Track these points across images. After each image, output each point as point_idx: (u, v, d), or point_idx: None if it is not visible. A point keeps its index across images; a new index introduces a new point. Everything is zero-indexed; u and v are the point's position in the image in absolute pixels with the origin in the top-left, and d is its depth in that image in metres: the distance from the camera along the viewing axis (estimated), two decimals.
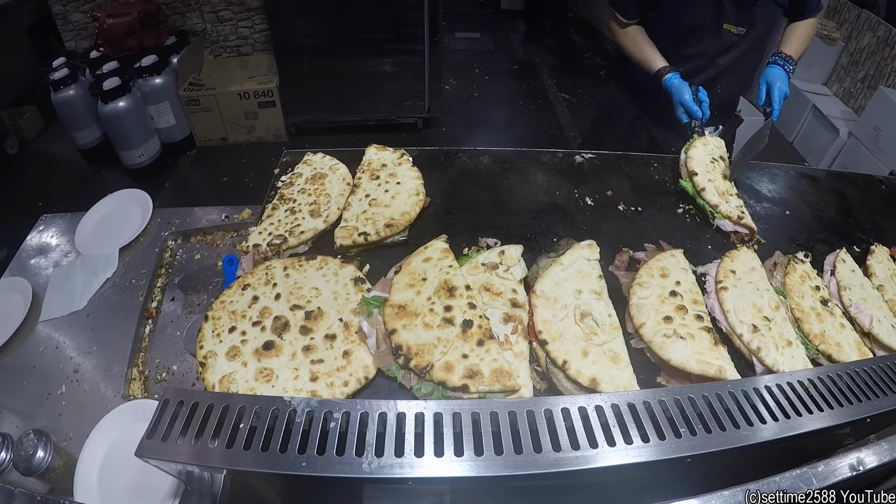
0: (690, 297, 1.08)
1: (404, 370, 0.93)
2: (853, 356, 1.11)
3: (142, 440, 0.69)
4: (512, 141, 3.70)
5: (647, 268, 1.12)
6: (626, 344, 1.00)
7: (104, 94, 2.96)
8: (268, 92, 3.39)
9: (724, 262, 1.20)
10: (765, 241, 1.36)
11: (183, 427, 0.70)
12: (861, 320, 1.19)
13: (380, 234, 1.13)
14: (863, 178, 1.76)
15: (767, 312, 1.10)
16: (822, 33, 3.81)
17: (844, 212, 1.56)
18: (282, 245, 1.14)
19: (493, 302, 1.00)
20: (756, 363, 1.04)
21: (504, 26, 5.73)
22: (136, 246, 1.54)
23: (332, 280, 1.07)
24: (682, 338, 0.98)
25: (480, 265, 1.07)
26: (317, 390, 0.93)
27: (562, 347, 0.94)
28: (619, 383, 0.91)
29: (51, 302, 1.44)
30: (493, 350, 0.92)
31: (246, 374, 0.96)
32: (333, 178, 1.30)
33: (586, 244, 1.13)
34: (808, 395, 0.81)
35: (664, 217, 1.36)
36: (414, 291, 0.99)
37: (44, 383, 1.27)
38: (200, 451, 0.68)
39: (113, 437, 1.14)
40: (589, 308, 1.01)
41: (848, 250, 1.38)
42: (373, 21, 3.17)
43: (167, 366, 1.28)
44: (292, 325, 1.01)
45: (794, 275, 1.24)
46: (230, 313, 1.04)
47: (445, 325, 0.94)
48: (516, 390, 0.90)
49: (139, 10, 3.24)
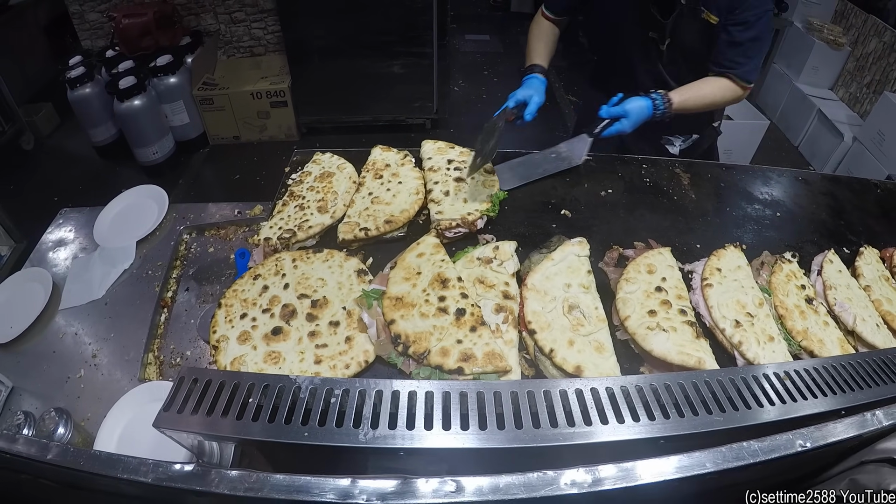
0: (675, 292, 1.14)
1: (403, 357, 0.99)
2: (835, 352, 1.15)
3: (159, 412, 0.76)
4: (518, 142, 3.74)
5: (635, 264, 1.18)
6: (611, 335, 1.05)
7: (120, 92, 3.06)
8: (280, 92, 3.47)
9: (711, 260, 1.25)
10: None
11: (197, 402, 0.77)
12: (845, 318, 1.23)
13: (379, 230, 1.20)
14: (857, 181, 1.79)
15: (751, 309, 1.15)
16: (829, 38, 3.82)
17: (836, 214, 1.59)
18: (291, 239, 1.21)
19: (486, 293, 1.07)
20: (737, 356, 1.09)
21: (514, 28, 5.77)
22: (153, 239, 1.62)
23: (336, 271, 1.14)
24: (664, 330, 1.04)
25: (475, 259, 1.13)
26: (320, 372, 1.00)
27: (549, 336, 1.00)
28: (603, 371, 0.97)
29: (70, 291, 1.52)
30: (485, 335, 0.98)
31: (255, 357, 1.03)
32: (341, 177, 1.37)
33: (577, 241, 1.19)
34: (793, 385, 0.86)
35: (655, 217, 1.42)
36: (410, 284, 1.06)
37: (63, 367, 1.33)
38: (213, 422, 0.75)
39: (129, 415, 1.20)
40: (577, 301, 1.07)
41: (838, 252, 1.41)
42: (383, 24, 3.25)
43: (181, 351, 1.36)
44: (299, 312, 1.08)
45: (780, 273, 1.28)
46: (242, 301, 1.12)
47: (440, 314, 1.01)
48: (508, 371, 0.97)
49: (155, 10, 3.34)
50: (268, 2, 3.59)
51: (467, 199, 1.28)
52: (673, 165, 1.63)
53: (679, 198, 1.51)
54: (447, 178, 1.34)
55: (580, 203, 1.46)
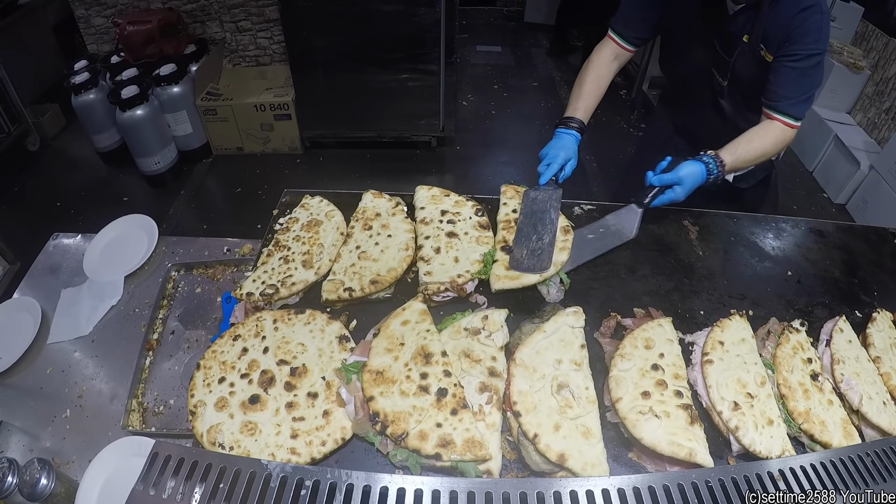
0: (672, 370, 1.08)
1: (381, 436, 0.95)
2: (837, 436, 1.10)
3: (133, 490, 0.79)
4: (526, 162, 3.68)
5: (632, 338, 1.13)
6: (601, 417, 1.00)
7: (122, 102, 3.04)
8: (283, 105, 3.44)
9: (714, 331, 1.19)
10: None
11: (169, 480, 0.80)
12: (851, 397, 1.17)
13: (364, 291, 1.16)
14: (874, 231, 1.72)
15: (752, 388, 1.10)
16: (849, 61, 3.70)
17: (850, 271, 1.52)
18: (273, 295, 1.18)
19: (471, 369, 1.02)
20: (733, 441, 1.04)
21: (527, 40, 5.68)
22: (141, 274, 1.60)
23: (318, 336, 1.10)
24: (657, 416, 0.99)
25: (463, 329, 1.08)
26: (296, 447, 0.97)
27: (534, 420, 0.96)
28: (588, 459, 0.92)
29: (59, 325, 1.51)
30: (465, 419, 0.94)
31: (232, 426, 1.00)
32: (328, 227, 1.32)
33: (571, 311, 1.14)
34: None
35: (658, 278, 1.35)
36: (392, 357, 1.02)
37: (50, 405, 1.34)
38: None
39: (111, 468, 1.20)
40: (567, 379, 1.02)
41: (850, 315, 1.35)
42: (389, 39, 3.19)
43: (164, 399, 1.34)
44: (278, 380, 1.05)
45: (787, 346, 1.22)
46: (220, 364, 1.08)
47: (421, 392, 0.97)
48: (487, 459, 0.92)
49: (159, 18, 3.31)
50: (273, 12, 3.55)
51: (458, 257, 1.23)
52: (681, 217, 1.56)
53: (685, 255, 1.44)
54: (439, 233, 1.29)
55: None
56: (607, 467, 0.93)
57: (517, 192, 1.44)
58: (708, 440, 0.99)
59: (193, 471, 0.81)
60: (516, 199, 1.41)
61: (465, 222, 1.34)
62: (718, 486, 0.82)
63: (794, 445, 1.05)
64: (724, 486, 0.82)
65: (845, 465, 0.90)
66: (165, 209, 3.24)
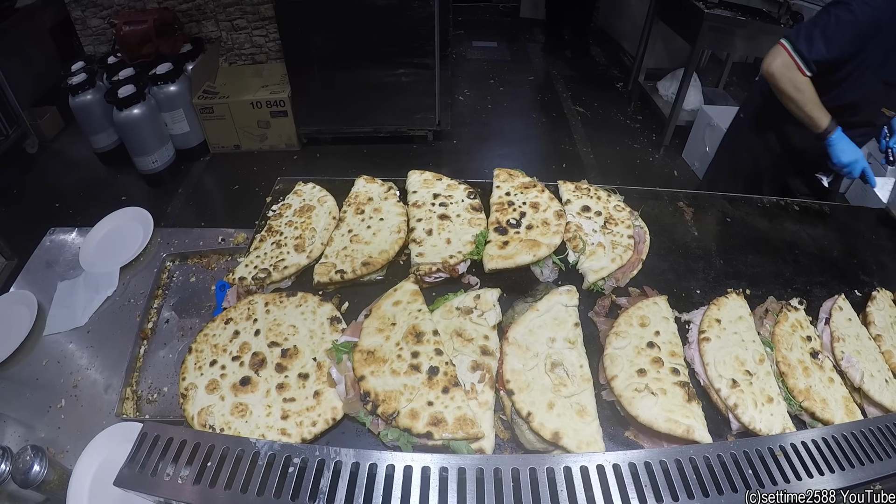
0: (668, 348, 1.06)
1: (372, 416, 0.94)
2: (839, 413, 1.08)
3: (121, 470, 0.78)
4: (523, 155, 3.68)
5: (627, 316, 1.11)
6: (596, 396, 0.99)
7: (119, 101, 3.04)
8: (280, 102, 3.44)
9: (711, 309, 1.18)
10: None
11: (157, 460, 0.78)
12: (852, 375, 1.15)
13: (356, 273, 1.15)
14: (875, 213, 1.70)
15: (750, 366, 1.08)
16: None
17: (850, 252, 1.51)
18: (266, 279, 1.17)
19: (463, 348, 1.01)
20: (732, 419, 1.02)
21: (522, 35, 5.68)
22: (136, 265, 1.59)
23: (309, 318, 1.09)
24: (653, 393, 0.97)
25: (455, 309, 1.07)
26: (286, 428, 0.96)
27: (528, 399, 0.94)
28: (583, 437, 0.91)
29: (54, 317, 1.51)
30: (457, 397, 0.93)
31: (223, 408, 0.99)
32: (320, 211, 1.32)
33: (565, 290, 1.12)
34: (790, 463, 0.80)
35: (654, 258, 1.34)
36: (383, 336, 1.00)
37: (45, 396, 1.34)
38: (171, 486, 0.76)
39: (104, 455, 1.19)
40: (561, 357, 1.01)
41: (849, 294, 1.33)
42: (384, 34, 3.19)
43: (158, 387, 1.33)
44: (269, 361, 1.04)
45: (785, 324, 1.21)
46: (212, 347, 1.08)
47: (412, 371, 0.95)
48: (479, 438, 0.91)
49: (155, 18, 3.32)
50: (269, 9, 3.55)
51: (451, 239, 1.22)
52: (676, 198, 1.55)
53: (680, 236, 1.43)
54: (431, 216, 1.28)
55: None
56: (603, 445, 0.91)
57: (510, 176, 1.43)
58: (707, 420, 0.98)
59: (182, 450, 0.81)
60: (509, 182, 1.40)
61: (457, 205, 1.33)
62: (717, 463, 0.80)
63: (795, 423, 1.03)
64: (723, 463, 0.80)
65: (848, 440, 0.88)
66: (163, 207, 3.24)
